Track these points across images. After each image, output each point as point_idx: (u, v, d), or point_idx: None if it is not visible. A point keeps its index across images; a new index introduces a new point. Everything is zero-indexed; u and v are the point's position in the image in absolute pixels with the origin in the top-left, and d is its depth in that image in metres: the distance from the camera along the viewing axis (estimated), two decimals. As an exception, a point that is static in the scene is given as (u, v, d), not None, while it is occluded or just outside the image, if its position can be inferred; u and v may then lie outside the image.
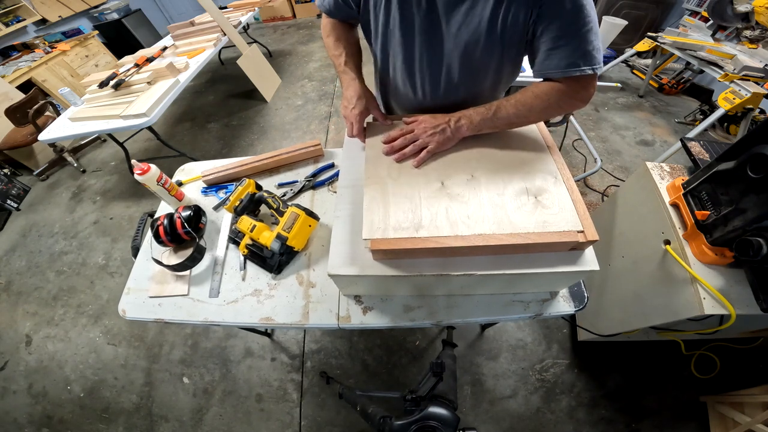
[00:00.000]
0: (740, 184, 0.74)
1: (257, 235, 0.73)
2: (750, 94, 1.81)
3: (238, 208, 0.79)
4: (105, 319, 1.78)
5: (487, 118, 0.66)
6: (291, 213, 0.73)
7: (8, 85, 2.77)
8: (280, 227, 0.72)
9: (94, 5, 3.98)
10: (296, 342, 1.61)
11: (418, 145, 0.66)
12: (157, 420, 1.45)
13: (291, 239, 0.71)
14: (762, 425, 1.01)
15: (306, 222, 0.74)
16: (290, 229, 0.71)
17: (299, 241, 0.74)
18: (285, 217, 0.73)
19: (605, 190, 2.20)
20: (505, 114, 0.66)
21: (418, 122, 0.69)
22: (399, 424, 0.74)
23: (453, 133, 0.66)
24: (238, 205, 0.79)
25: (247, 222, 0.76)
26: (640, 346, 1.43)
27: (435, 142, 0.65)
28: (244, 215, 0.78)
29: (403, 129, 0.70)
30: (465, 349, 1.53)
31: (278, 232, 0.72)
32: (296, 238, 0.73)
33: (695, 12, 2.93)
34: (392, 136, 0.69)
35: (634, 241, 1.15)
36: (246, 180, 0.83)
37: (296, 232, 0.72)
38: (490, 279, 0.59)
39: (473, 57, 0.69)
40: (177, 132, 3.08)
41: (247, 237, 0.76)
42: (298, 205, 0.74)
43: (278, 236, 0.71)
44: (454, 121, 0.66)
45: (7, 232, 2.36)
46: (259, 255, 0.75)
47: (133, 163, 0.82)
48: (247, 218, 0.77)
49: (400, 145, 0.67)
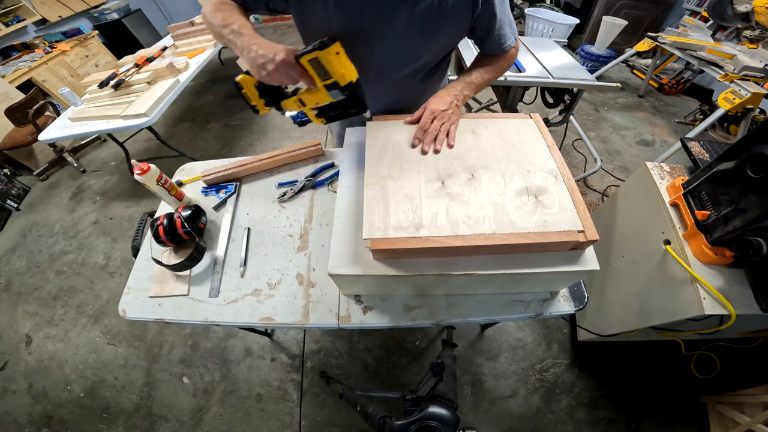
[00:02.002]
0: (740, 184, 0.74)
1: (312, 102, 0.65)
2: (750, 94, 1.81)
3: (270, 104, 0.68)
4: (105, 319, 1.78)
5: (469, 90, 0.80)
6: (309, 63, 0.57)
7: (8, 85, 2.76)
8: (319, 81, 0.60)
9: (94, 5, 3.98)
10: (296, 342, 1.61)
11: (446, 127, 0.70)
12: (157, 420, 1.45)
13: (340, 79, 0.58)
14: (762, 425, 1.01)
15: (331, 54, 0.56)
16: (328, 74, 0.58)
17: (347, 71, 0.58)
18: (310, 70, 0.58)
19: (605, 190, 2.20)
20: (477, 83, 0.82)
21: (430, 111, 0.72)
22: (399, 424, 0.74)
23: (460, 107, 0.76)
24: (266, 101, 0.68)
25: (291, 102, 0.67)
26: (640, 346, 1.43)
27: (456, 118, 0.73)
28: (282, 100, 0.68)
29: (424, 122, 0.71)
30: (465, 349, 1.53)
31: (323, 85, 0.60)
32: (340, 73, 0.58)
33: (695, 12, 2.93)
34: (422, 128, 0.71)
35: (634, 241, 1.15)
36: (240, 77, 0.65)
37: (335, 70, 0.57)
38: (491, 279, 0.59)
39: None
40: (177, 132, 3.08)
41: (307, 109, 0.68)
42: (303, 53, 0.56)
43: (328, 87, 0.60)
44: (455, 96, 0.76)
45: (7, 232, 2.35)
46: (334, 109, 0.65)
47: (133, 163, 0.82)
48: (288, 102, 0.67)
49: (433, 133, 0.69)
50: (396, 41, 0.72)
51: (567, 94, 1.82)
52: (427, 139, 0.68)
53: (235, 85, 0.63)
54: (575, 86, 1.66)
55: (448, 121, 0.71)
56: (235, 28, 0.61)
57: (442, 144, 0.68)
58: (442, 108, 0.72)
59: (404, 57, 0.77)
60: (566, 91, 1.81)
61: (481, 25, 0.73)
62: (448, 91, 0.76)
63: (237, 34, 0.61)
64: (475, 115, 0.77)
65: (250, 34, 0.60)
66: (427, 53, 0.78)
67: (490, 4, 0.69)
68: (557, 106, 1.92)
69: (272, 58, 0.55)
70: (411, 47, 0.74)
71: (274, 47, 0.56)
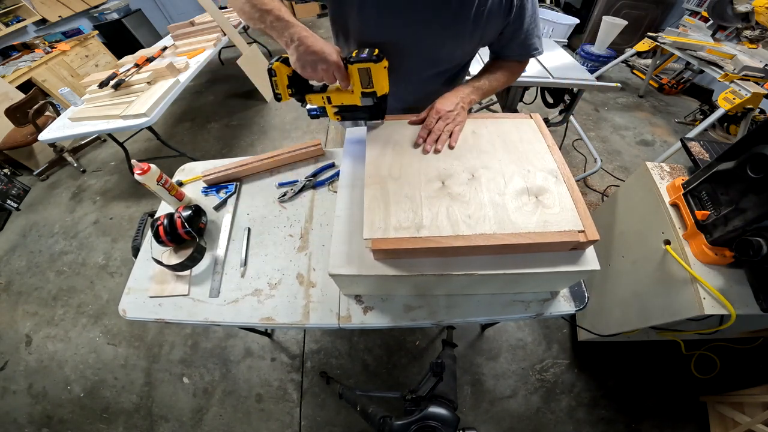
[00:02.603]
0: (740, 184, 0.74)
1: (339, 101, 0.68)
2: (750, 94, 1.81)
3: (295, 95, 0.69)
4: (105, 319, 1.78)
5: (476, 95, 0.79)
6: (357, 71, 0.61)
7: (8, 85, 2.76)
8: (358, 87, 0.64)
9: (94, 5, 3.97)
10: (296, 342, 1.61)
11: (450, 128, 0.70)
12: (157, 420, 1.45)
13: (380, 90, 0.64)
14: (762, 425, 1.01)
15: (380, 68, 0.61)
16: (371, 84, 0.62)
17: (386, 84, 0.65)
18: (354, 77, 0.62)
19: (605, 190, 2.20)
20: (485, 90, 0.81)
21: (435, 111, 0.72)
22: (399, 424, 0.74)
23: (465, 110, 0.75)
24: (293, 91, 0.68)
25: (317, 97, 0.69)
26: (640, 346, 1.43)
27: (461, 120, 0.72)
28: (307, 95, 0.69)
29: (429, 122, 0.71)
30: (465, 349, 1.53)
31: (361, 91, 0.64)
32: (382, 85, 0.64)
33: (695, 12, 2.93)
34: (427, 127, 0.70)
35: (634, 241, 1.15)
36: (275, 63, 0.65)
37: (378, 82, 0.63)
38: (491, 279, 0.59)
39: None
40: (177, 132, 3.08)
41: (329, 106, 0.69)
42: (358, 60, 0.59)
43: (365, 95, 0.64)
44: (462, 98, 0.75)
45: (7, 232, 2.35)
46: (356, 111, 0.69)
47: (133, 163, 0.82)
48: (313, 96, 0.69)
49: (437, 133, 0.69)
50: (430, 45, 0.73)
51: (567, 94, 1.82)
52: (430, 138, 0.68)
53: (269, 72, 0.64)
54: (575, 86, 1.66)
55: (452, 122, 0.71)
56: (281, 15, 0.58)
57: (444, 144, 0.68)
58: (448, 108, 0.72)
59: (435, 60, 0.79)
60: (566, 91, 1.81)
61: (507, 33, 0.74)
62: (456, 93, 0.76)
63: (283, 22, 0.58)
64: (475, 115, 0.77)
65: (297, 23, 0.58)
66: (457, 57, 0.80)
67: (523, 13, 0.70)
68: (557, 106, 1.92)
69: (325, 58, 0.56)
70: (442, 51, 0.76)
71: (327, 46, 0.57)
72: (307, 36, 0.57)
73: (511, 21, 0.71)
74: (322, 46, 0.57)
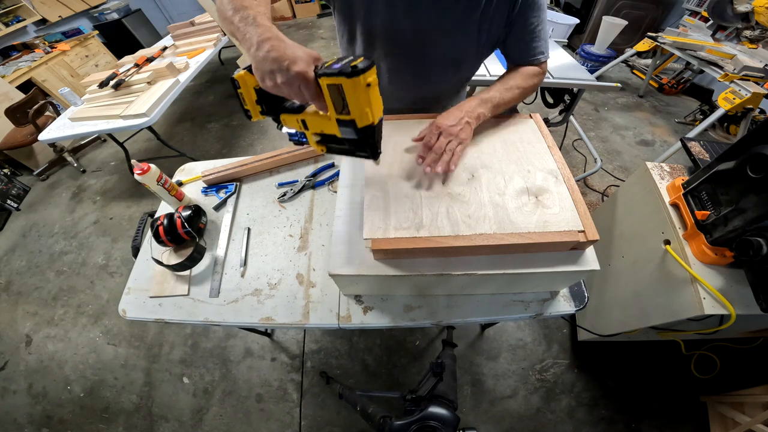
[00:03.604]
0: (740, 184, 0.74)
1: (318, 128, 0.51)
2: (750, 94, 1.81)
3: (267, 113, 0.54)
4: (105, 319, 1.78)
5: (484, 109, 0.70)
6: (327, 88, 0.42)
7: (8, 85, 2.76)
8: (332, 111, 0.45)
9: (94, 5, 3.98)
10: (296, 342, 1.61)
11: (452, 146, 0.63)
12: (157, 420, 1.45)
13: (359, 119, 0.44)
14: (762, 425, 1.01)
15: (359, 86, 0.40)
16: (346, 108, 0.43)
17: (372, 110, 0.44)
18: (326, 96, 0.43)
19: (605, 190, 2.20)
20: (495, 102, 0.71)
21: (436, 127, 0.65)
22: (399, 424, 0.74)
23: (471, 125, 0.68)
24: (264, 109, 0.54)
25: (292, 119, 0.53)
26: (640, 346, 1.43)
27: (465, 137, 0.65)
28: (281, 114, 0.54)
29: (429, 139, 0.64)
30: (465, 349, 1.53)
31: (336, 118, 0.46)
32: (364, 111, 0.43)
33: (695, 12, 2.93)
34: (427, 146, 0.63)
35: (634, 241, 1.15)
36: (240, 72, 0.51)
37: (358, 106, 0.43)
38: (491, 279, 0.59)
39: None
40: (177, 132, 3.08)
41: (309, 134, 0.54)
42: (326, 73, 0.41)
43: (341, 123, 0.46)
44: (466, 112, 0.67)
45: (7, 232, 2.35)
46: (342, 144, 0.51)
47: (133, 163, 0.82)
48: (288, 117, 0.53)
49: (437, 152, 0.61)
50: (440, 41, 0.72)
51: (567, 94, 1.82)
52: (429, 158, 0.61)
53: (232, 83, 0.51)
54: (575, 86, 1.66)
55: (455, 139, 0.63)
56: (249, 15, 0.47)
57: (445, 165, 0.60)
58: (450, 123, 0.64)
59: (443, 58, 0.77)
60: (566, 91, 1.81)
61: (513, 32, 0.72)
62: (460, 107, 0.69)
63: (249, 23, 0.46)
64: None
65: (265, 25, 0.46)
66: (466, 54, 0.78)
67: (527, 11, 0.68)
68: (557, 106, 1.92)
69: (285, 67, 0.42)
70: (451, 46, 0.74)
71: (292, 52, 0.42)
72: (271, 38, 0.43)
73: (515, 18, 0.68)
74: (285, 50, 0.42)
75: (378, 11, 0.68)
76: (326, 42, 4.31)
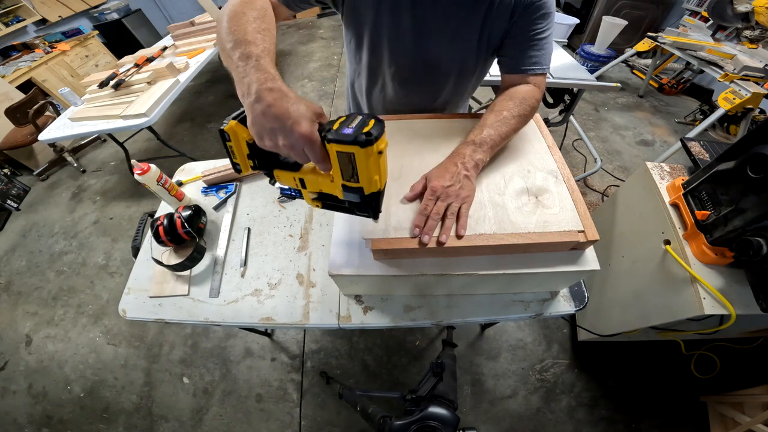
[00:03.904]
0: (740, 184, 0.74)
1: (317, 187, 0.48)
2: (750, 94, 1.81)
3: (259, 168, 0.48)
4: (105, 319, 1.78)
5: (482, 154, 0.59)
6: (337, 154, 0.39)
7: (8, 85, 2.76)
8: (338, 177, 0.43)
9: (94, 5, 3.98)
10: (296, 342, 1.61)
11: (454, 208, 0.54)
12: (157, 420, 1.45)
13: (368, 186, 0.42)
14: (762, 425, 1.01)
15: (372, 155, 0.38)
16: (356, 176, 0.41)
17: (380, 177, 0.42)
18: (333, 160, 0.41)
19: (605, 190, 2.21)
20: (492, 142, 0.61)
21: (431, 191, 0.55)
22: (399, 424, 0.74)
23: (472, 177, 0.58)
24: (256, 164, 0.48)
25: (287, 176, 0.48)
26: (640, 346, 1.43)
27: (467, 194, 0.55)
28: (275, 170, 0.49)
29: (426, 206, 0.54)
30: (465, 349, 1.53)
31: (342, 183, 0.43)
32: (374, 179, 0.41)
33: (695, 12, 2.93)
34: (423, 213, 0.53)
35: (634, 241, 1.15)
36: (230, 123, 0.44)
37: (368, 174, 0.40)
38: (491, 279, 0.59)
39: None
40: (177, 132, 3.08)
41: (305, 192, 0.50)
42: (337, 140, 0.37)
43: (347, 188, 0.43)
44: (462, 164, 0.57)
45: (7, 232, 2.35)
46: (341, 204, 0.48)
47: (133, 163, 0.82)
48: (283, 174, 0.48)
49: (435, 219, 0.53)
50: (446, 48, 0.71)
51: (567, 94, 1.82)
52: (427, 226, 0.52)
53: (221, 135, 0.44)
54: (575, 86, 1.66)
55: (456, 200, 0.54)
56: (251, 54, 0.42)
57: (449, 233, 0.52)
58: (446, 184, 0.55)
59: (449, 64, 0.75)
60: (566, 91, 1.81)
61: (511, 36, 0.67)
62: (453, 159, 0.59)
63: (251, 64, 0.41)
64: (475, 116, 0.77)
65: (268, 72, 0.40)
66: (469, 61, 0.76)
67: (529, 16, 0.64)
68: (557, 106, 1.92)
69: (289, 127, 0.37)
70: (457, 54, 0.73)
71: (296, 109, 0.38)
72: (273, 89, 0.38)
73: (517, 20, 0.65)
74: (288, 106, 0.38)
75: (384, 20, 0.67)
76: (326, 42, 4.31)
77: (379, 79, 0.81)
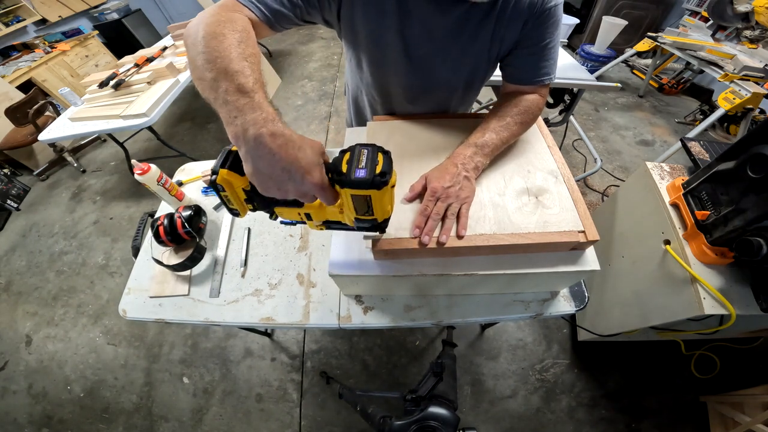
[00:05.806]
0: (740, 184, 0.74)
1: (321, 218, 0.47)
2: (750, 94, 1.81)
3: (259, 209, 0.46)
4: (105, 319, 1.78)
5: (481, 156, 0.60)
6: (349, 197, 0.39)
7: (8, 85, 2.76)
8: (352, 212, 0.43)
9: (94, 5, 3.97)
10: (296, 342, 1.61)
11: (454, 209, 0.54)
12: (157, 420, 1.45)
13: (381, 216, 0.43)
14: (762, 425, 1.01)
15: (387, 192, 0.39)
16: (370, 211, 0.42)
17: (391, 206, 0.45)
18: (346, 201, 0.41)
19: (605, 190, 2.21)
20: (493, 145, 0.61)
21: (431, 191, 0.55)
22: (399, 424, 0.74)
23: (472, 178, 0.58)
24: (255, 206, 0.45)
25: (291, 212, 0.46)
26: (640, 346, 1.43)
27: (467, 195, 0.55)
28: (276, 207, 0.46)
29: (425, 207, 0.54)
30: (465, 349, 1.53)
31: (355, 217, 0.43)
32: (387, 210, 0.43)
33: (695, 12, 2.93)
34: (423, 214, 0.53)
35: (634, 241, 1.15)
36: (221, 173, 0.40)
37: (382, 207, 0.42)
38: (491, 279, 0.59)
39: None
40: (177, 132, 3.08)
41: (310, 223, 0.48)
42: (352, 185, 0.37)
43: (360, 221, 0.44)
44: (462, 165, 0.57)
45: (7, 232, 2.35)
46: (347, 228, 0.48)
47: (133, 163, 0.82)
48: (286, 210, 0.46)
49: (435, 219, 0.53)
50: (452, 65, 0.68)
51: (567, 94, 1.82)
52: (427, 226, 0.52)
53: (214, 187, 0.40)
54: (575, 86, 1.66)
55: (456, 201, 0.54)
56: (243, 87, 0.36)
57: (449, 234, 0.52)
58: (446, 185, 0.54)
59: (455, 77, 0.73)
60: (566, 91, 1.81)
61: (521, 46, 0.65)
62: (453, 160, 0.59)
63: (244, 98, 0.36)
64: (476, 116, 0.77)
65: (267, 111, 0.36)
66: (475, 75, 0.74)
67: (540, 29, 0.61)
68: (557, 106, 1.92)
69: (299, 178, 0.34)
70: (463, 69, 0.70)
71: (304, 156, 0.35)
72: (275, 134, 0.34)
73: (528, 31, 0.62)
74: (294, 153, 0.34)
75: (388, 39, 0.63)
76: (326, 42, 4.31)
77: (383, 96, 0.79)
